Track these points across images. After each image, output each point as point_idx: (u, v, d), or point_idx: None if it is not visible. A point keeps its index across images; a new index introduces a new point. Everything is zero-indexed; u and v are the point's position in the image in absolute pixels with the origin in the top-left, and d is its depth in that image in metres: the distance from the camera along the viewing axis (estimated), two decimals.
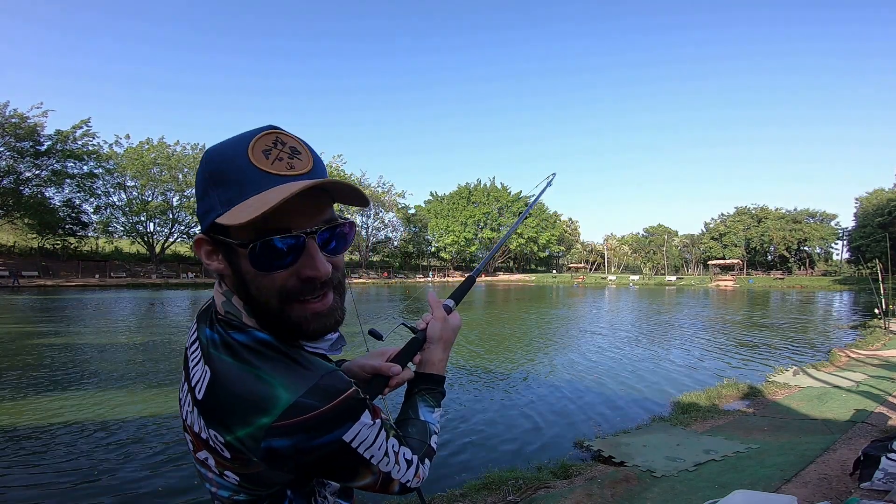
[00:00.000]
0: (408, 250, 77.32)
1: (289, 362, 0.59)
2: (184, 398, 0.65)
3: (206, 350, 0.62)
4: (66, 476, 4.16)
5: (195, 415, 0.61)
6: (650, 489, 3.51)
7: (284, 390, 0.56)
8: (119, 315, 17.41)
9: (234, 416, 0.57)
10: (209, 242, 0.63)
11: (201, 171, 0.62)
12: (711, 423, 5.36)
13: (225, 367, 0.59)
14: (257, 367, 0.58)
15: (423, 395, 0.82)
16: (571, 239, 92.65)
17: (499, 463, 4.46)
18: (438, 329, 0.86)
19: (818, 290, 45.87)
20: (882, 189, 60.75)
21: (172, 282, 42.41)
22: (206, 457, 0.63)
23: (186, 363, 0.67)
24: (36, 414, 5.77)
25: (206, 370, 0.60)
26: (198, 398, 0.60)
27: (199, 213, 0.64)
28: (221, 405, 0.58)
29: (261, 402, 0.56)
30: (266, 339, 0.61)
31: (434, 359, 0.85)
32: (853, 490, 3.05)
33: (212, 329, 0.64)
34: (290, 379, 0.57)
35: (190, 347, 0.67)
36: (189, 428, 0.64)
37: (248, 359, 0.59)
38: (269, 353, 0.60)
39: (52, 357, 9.03)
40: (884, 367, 7.87)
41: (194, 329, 0.68)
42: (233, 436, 0.57)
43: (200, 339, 0.65)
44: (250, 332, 0.62)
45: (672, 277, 67.01)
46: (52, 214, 42.06)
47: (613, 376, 8.29)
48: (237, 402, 0.56)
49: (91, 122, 42.28)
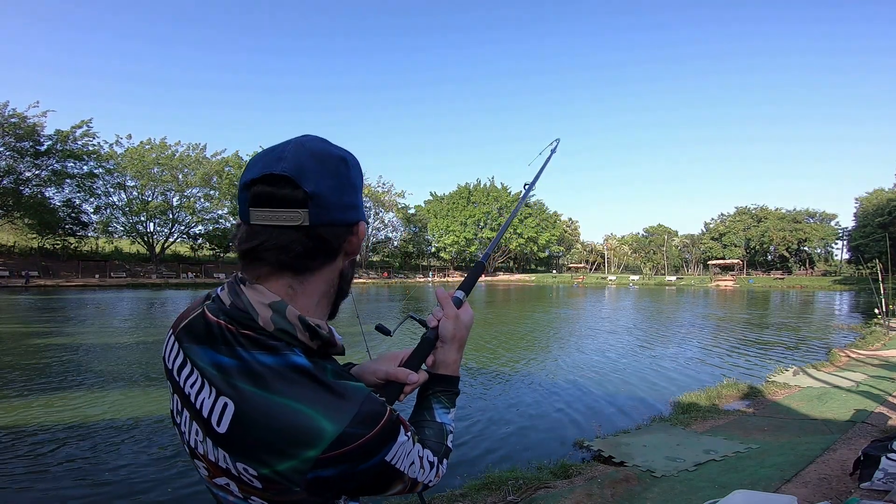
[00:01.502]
0: (408, 250, 77.33)
1: (326, 391, 0.57)
2: (186, 425, 0.62)
3: (217, 378, 0.58)
4: (69, 476, 4.16)
5: (210, 445, 0.58)
6: (650, 489, 3.51)
7: (329, 422, 0.54)
8: (119, 315, 17.41)
9: (274, 451, 0.54)
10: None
11: (354, 168, 0.66)
12: (711, 423, 5.36)
13: (255, 400, 0.55)
14: (294, 398, 0.55)
15: (438, 396, 0.81)
16: (571, 239, 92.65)
17: (499, 463, 4.46)
18: (451, 328, 0.81)
19: (818, 290, 45.88)
20: (882, 189, 60.75)
21: (172, 282, 42.41)
22: (226, 482, 0.60)
23: (178, 389, 0.63)
24: (38, 414, 5.76)
25: (227, 402, 0.56)
26: (218, 432, 0.57)
27: (348, 202, 0.63)
28: (255, 439, 0.55)
29: (305, 435, 0.54)
30: (302, 366, 0.58)
31: (448, 360, 0.82)
32: (853, 490, 3.05)
33: (223, 353, 0.59)
34: (332, 409, 0.55)
35: (178, 369, 0.63)
36: (202, 456, 0.61)
37: (281, 390, 0.56)
38: (305, 381, 0.57)
39: (52, 357, 9.03)
40: (884, 367, 7.88)
41: (178, 351, 0.64)
42: (271, 469, 0.55)
43: (199, 364, 0.60)
44: (285, 355, 0.58)
45: (672, 277, 67.01)
46: (52, 214, 42.05)
47: (613, 376, 8.29)
48: (276, 437, 0.54)
49: (92, 122, 42.39)
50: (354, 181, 0.64)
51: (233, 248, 0.81)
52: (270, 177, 0.58)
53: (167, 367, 0.66)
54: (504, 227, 1.14)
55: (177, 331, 0.65)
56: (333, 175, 0.61)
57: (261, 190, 0.58)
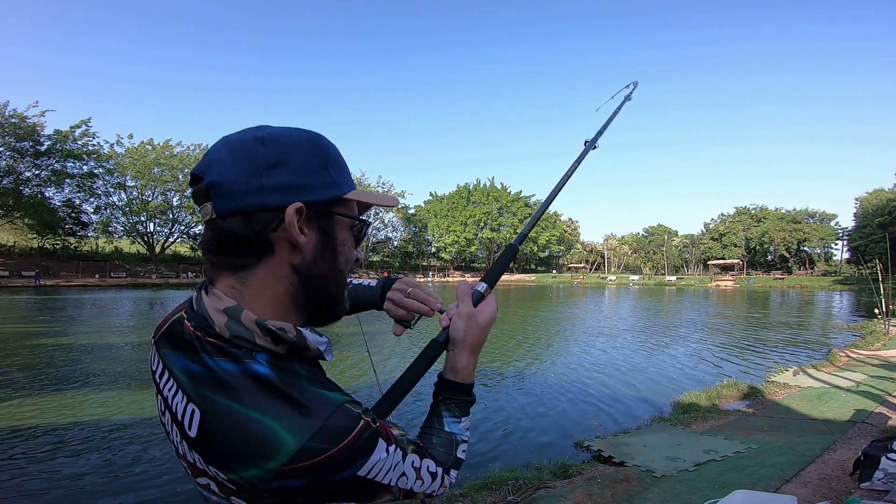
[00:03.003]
0: (408, 250, 77.32)
1: (289, 402, 0.53)
2: (169, 426, 0.60)
3: (186, 385, 0.56)
4: (72, 476, 4.16)
5: (186, 447, 0.56)
6: (650, 489, 3.51)
7: (289, 434, 0.51)
8: (119, 315, 17.41)
9: (237, 460, 0.52)
10: (307, 214, 0.58)
11: (313, 148, 0.59)
12: (711, 423, 5.36)
13: (218, 409, 0.53)
14: (255, 408, 0.52)
15: (448, 403, 0.75)
16: (571, 239, 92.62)
17: (499, 463, 4.46)
18: (462, 329, 0.74)
19: (818, 290, 45.88)
20: (882, 189, 60.79)
21: (172, 282, 42.41)
22: (207, 482, 0.57)
23: (158, 387, 0.61)
24: (39, 414, 5.77)
25: (194, 409, 0.54)
26: (190, 436, 0.55)
27: (310, 182, 0.58)
28: (220, 447, 0.53)
29: (264, 447, 0.51)
30: (262, 375, 0.54)
31: (458, 365, 0.74)
32: (853, 490, 3.06)
33: (192, 360, 0.57)
34: (293, 422, 0.52)
35: (159, 374, 0.61)
36: (182, 457, 0.59)
37: (244, 399, 0.53)
38: (266, 391, 0.54)
39: (53, 357, 9.03)
40: (884, 367, 7.88)
41: (157, 357, 0.62)
42: (237, 475, 0.52)
43: (172, 370, 0.58)
44: (245, 363, 0.55)
45: (672, 277, 67.01)
46: (52, 214, 42.05)
47: (613, 376, 8.29)
48: (238, 446, 0.52)
49: (91, 122, 42.38)
50: (273, 160, 0.56)
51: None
52: (192, 176, 0.57)
53: (151, 369, 0.64)
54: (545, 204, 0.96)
55: (156, 337, 0.64)
56: (242, 160, 0.55)
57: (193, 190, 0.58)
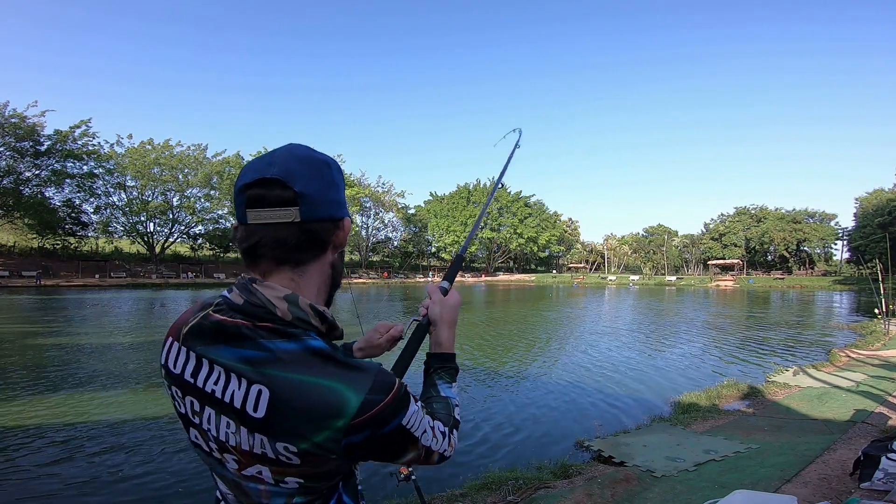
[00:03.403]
0: (408, 250, 77.29)
1: (345, 367, 0.65)
2: (211, 422, 0.66)
3: (246, 370, 0.63)
4: (75, 476, 4.16)
5: (244, 434, 0.63)
6: (650, 489, 3.50)
7: (351, 391, 0.62)
8: (119, 315, 17.40)
9: (310, 425, 0.61)
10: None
11: (336, 170, 0.73)
12: (711, 423, 5.36)
13: (286, 383, 0.62)
14: (319, 375, 0.63)
15: (440, 373, 0.90)
16: (571, 239, 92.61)
17: (499, 463, 4.46)
18: (438, 311, 0.93)
19: (818, 290, 45.88)
20: (882, 189, 60.73)
21: (172, 282, 42.39)
22: (258, 470, 0.65)
23: (192, 390, 0.67)
24: (39, 414, 5.76)
25: (261, 388, 0.62)
26: (256, 417, 0.62)
27: (333, 199, 0.70)
28: (290, 418, 0.61)
29: (334, 407, 0.61)
30: (321, 348, 0.65)
31: (441, 339, 0.92)
32: (853, 490, 3.05)
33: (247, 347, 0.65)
34: (352, 381, 0.63)
35: (192, 372, 0.67)
36: (233, 448, 0.65)
37: (307, 369, 0.63)
38: (325, 360, 0.64)
39: (53, 357, 9.03)
40: (884, 367, 7.88)
41: (188, 355, 0.68)
42: (310, 442, 0.62)
43: (219, 362, 0.65)
44: (304, 340, 0.65)
45: (672, 277, 67.00)
46: (52, 214, 42.00)
47: (613, 376, 8.29)
48: (311, 412, 0.61)
49: (91, 122, 42.31)
50: (337, 181, 0.72)
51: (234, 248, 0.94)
52: (263, 180, 0.65)
53: (172, 373, 0.70)
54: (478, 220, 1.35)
55: (180, 338, 0.70)
56: (319, 176, 0.68)
57: (255, 193, 0.65)
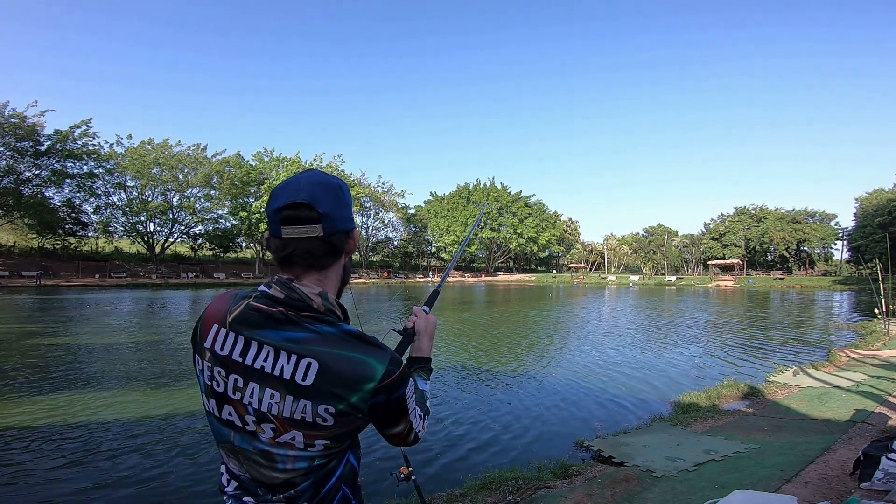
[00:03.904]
0: (408, 250, 77.26)
1: (371, 345, 0.86)
2: (253, 397, 0.83)
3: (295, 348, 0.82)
4: (76, 476, 4.16)
5: (289, 402, 0.81)
6: (650, 489, 3.50)
7: (378, 362, 0.83)
8: (119, 315, 17.40)
9: (348, 388, 0.81)
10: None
11: (346, 192, 0.91)
12: (711, 423, 5.35)
13: (332, 356, 0.81)
14: (355, 350, 0.83)
15: (419, 371, 1.12)
16: (571, 239, 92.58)
17: (499, 463, 4.46)
18: (423, 325, 1.18)
19: (818, 290, 45.87)
20: (882, 189, 60.67)
21: (172, 282, 42.36)
22: (292, 436, 0.82)
23: (239, 368, 0.83)
24: (40, 413, 5.76)
25: (310, 361, 0.81)
26: (304, 385, 0.80)
27: (345, 216, 0.90)
28: (334, 384, 0.80)
29: (366, 374, 0.82)
30: (352, 331, 0.86)
31: (423, 346, 1.17)
32: (853, 490, 3.05)
33: (294, 329, 0.83)
34: (377, 355, 0.85)
35: (240, 352, 0.83)
36: (274, 417, 0.82)
37: (346, 346, 0.83)
38: (358, 340, 0.85)
39: (54, 357, 9.02)
40: (884, 367, 7.87)
41: (236, 337, 0.84)
42: (345, 403, 0.81)
43: (269, 342, 0.83)
44: (339, 325, 0.86)
45: (672, 277, 66.98)
46: (52, 214, 41.95)
47: (613, 376, 8.29)
48: (349, 378, 0.81)
49: (92, 122, 42.29)
50: (347, 201, 0.91)
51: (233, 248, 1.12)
52: (294, 204, 0.84)
53: (219, 354, 0.85)
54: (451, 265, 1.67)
55: (225, 323, 0.86)
56: (335, 198, 0.87)
57: (289, 213, 0.84)
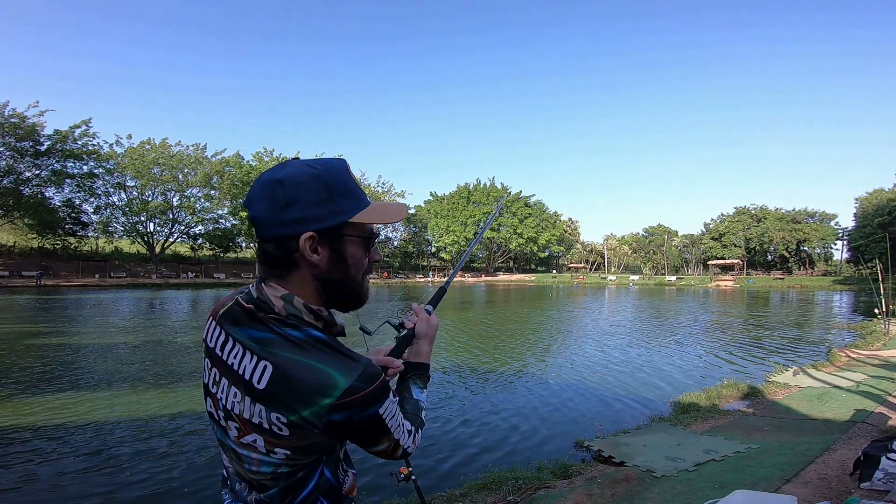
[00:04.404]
0: (408, 250, 77.27)
1: (340, 355, 0.75)
2: (225, 391, 0.78)
3: (257, 348, 0.74)
4: (77, 476, 4.16)
5: (247, 403, 0.74)
6: (650, 489, 3.50)
7: (342, 376, 0.72)
8: (119, 315, 17.40)
9: (301, 400, 0.71)
10: (318, 238, 0.77)
11: (320, 184, 0.76)
12: (711, 423, 5.35)
13: (288, 361, 0.72)
14: (317, 359, 0.73)
15: (415, 379, 1.01)
16: (571, 239, 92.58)
17: (499, 463, 4.46)
18: (424, 328, 1.05)
19: (818, 290, 45.87)
20: (882, 189, 60.69)
21: (172, 282, 42.37)
22: (254, 439, 0.75)
23: (218, 362, 0.79)
24: (41, 414, 5.76)
25: (266, 364, 0.73)
26: (259, 388, 0.73)
27: (318, 214, 0.76)
28: (288, 392, 0.71)
29: (324, 387, 0.71)
30: (321, 337, 0.76)
31: (422, 351, 1.04)
32: (853, 490, 3.05)
33: (261, 330, 0.76)
34: (344, 368, 0.73)
35: (220, 346, 0.79)
36: (237, 416, 0.76)
37: (309, 352, 0.73)
38: (324, 347, 0.75)
39: (55, 358, 9.02)
40: (884, 367, 7.87)
41: (220, 331, 0.80)
42: (297, 415, 0.71)
43: (239, 339, 0.77)
44: (306, 330, 0.76)
45: (672, 277, 66.98)
46: (52, 214, 41.97)
47: (613, 376, 8.29)
48: (304, 388, 0.71)
49: (91, 122, 42.30)
50: (289, 198, 0.74)
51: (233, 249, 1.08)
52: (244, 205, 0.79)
53: (208, 346, 0.82)
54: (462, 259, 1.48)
55: (217, 317, 0.83)
56: (269, 199, 0.75)
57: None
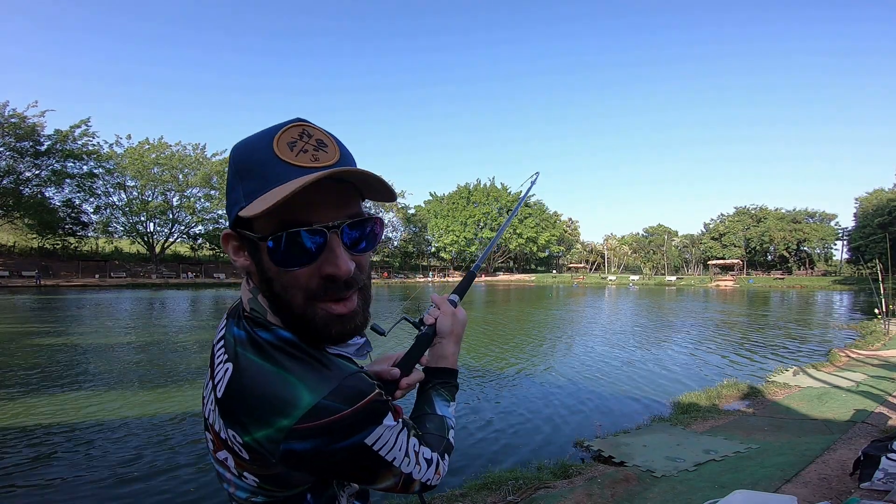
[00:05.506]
0: (408, 250, 77.27)
1: (312, 362, 0.58)
2: (207, 396, 0.64)
3: (231, 347, 0.61)
4: (78, 477, 4.15)
5: (216, 414, 0.60)
6: (650, 489, 3.51)
7: (307, 391, 0.54)
8: (119, 315, 17.39)
9: (254, 417, 0.55)
10: (236, 238, 0.62)
11: (230, 165, 0.62)
12: (711, 423, 5.36)
13: (248, 365, 0.57)
14: (280, 366, 0.56)
15: (438, 389, 0.81)
16: (571, 239, 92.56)
17: (499, 463, 4.46)
18: (449, 324, 0.85)
19: (818, 290, 45.86)
20: (882, 189, 60.66)
21: (172, 282, 42.39)
22: (225, 457, 0.61)
23: (213, 360, 0.65)
24: (41, 414, 5.76)
25: (229, 366, 0.59)
26: (218, 396, 0.59)
27: (227, 206, 0.62)
28: (241, 404, 0.56)
29: (282, 402, 0.54)
30: (290, 339, 0.60)
31: (447, 353, 0.84)
32: (853, 490, 3.05)
33: (239, 326, 0.63)
34: (313, 380, 0.56)
35: (217, 344, 0.66)
36: (210, 427, 0.63)
37: (271, 357, 0.57)
38: (293, 351, 0.58)
39: (55, 358, 9.02)
40: (884, 367, 7.87)
41: (223, 326, 0.67)
42: (251, 437, 0.55)
43: (227, 337, 0.63)
44: (274, 330, 0.60)
45: (672, 277, 66.98)
46: (52, 214, 42.00)
47: (613, 376, 8.29)
48: (257, 402, 0.55)
49: (91, 122, 42.33)
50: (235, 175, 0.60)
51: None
52: None
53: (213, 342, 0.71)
54: (492, 242, 1.27)
55: (227, 312, 0.71)
56: (229, 179, 0.62)
57: None
